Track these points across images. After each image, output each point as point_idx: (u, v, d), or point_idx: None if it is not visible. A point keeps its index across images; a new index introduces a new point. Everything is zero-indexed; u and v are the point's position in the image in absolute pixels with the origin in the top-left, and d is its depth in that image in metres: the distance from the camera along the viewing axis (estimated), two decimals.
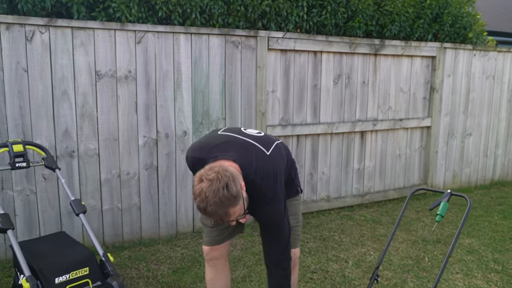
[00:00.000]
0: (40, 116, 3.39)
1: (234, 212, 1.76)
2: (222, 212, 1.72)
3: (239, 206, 1.78)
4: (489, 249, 3.87)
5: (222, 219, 1.76)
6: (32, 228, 3.47)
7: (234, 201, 1.72)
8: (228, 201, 1.70)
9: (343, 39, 4.56)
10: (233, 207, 1.74)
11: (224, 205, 1.70)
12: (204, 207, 1.69)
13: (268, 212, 1.96)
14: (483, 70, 5.70)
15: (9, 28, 3.22)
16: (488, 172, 6.07)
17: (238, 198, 1.74)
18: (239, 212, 1.80)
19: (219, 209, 1.69)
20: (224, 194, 1.68)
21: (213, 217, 1.73)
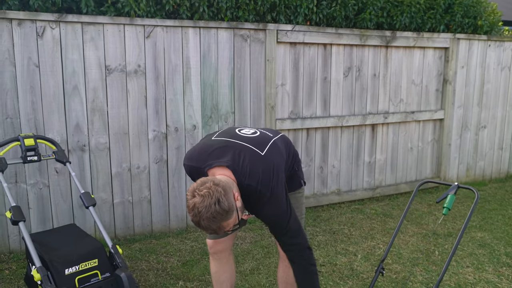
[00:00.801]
0: (51, 111, 3.45)
1: (228, 224, 1.80)
2: (215, 226, 1.76)
3: (233, 219, 1.81)
4: (502, 243, 3.82)
5: (216, 232, 1.79)
6: (45, 220, 3.54)
7: (226, 215, 1.75)
8: (220, 216, 1.73)
9: (353, 31, 4.52)
10: (226, 221, 1.77)
11: (217, 220, 1.73)
12: (198, 221, 1.74)
13: (270, 212, 1.97)
14: (498, 61, 5.59)
15: (20, 24, 3.27)
16: (503, 165, 5.97)
17: (231, 211, 1.78)
18: (233, 223, 1.83)
19: (212, 223, 1.73)
20: (216, 210, 1.71)
21: (207, 230, 1.78)
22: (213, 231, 1.78)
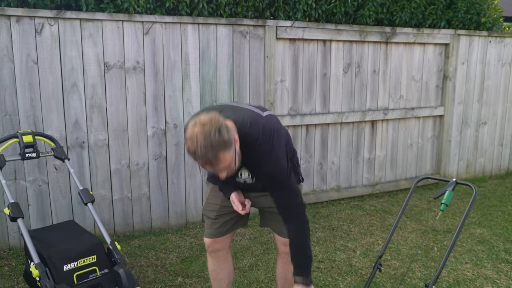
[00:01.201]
0: (50, 108, 3.45)
1: (224, 159, 1.72)
2: (212, 155, 1.68)
3: (230, 154, 1.74)
4: (501, 239, 3.82)
5: (211, 164, 1.72)
6: (44, 217, 3.55)
7: (225, 146, 1.69)
8: (218, 144, 1.67)
9: (352, 28, 4.50)
10: (223, 152, 1.70)
11: (214, 149, 1.67)
12: (194, 149, 1.67)
13: (270, 166, 1.91)
14: (499, 57, 5.57)
15: (19, 20, 3.27)
16: (503, 161, 5.96)
17: (230, 144, 1.71)
18: (230, 161, 1.75)
19: (208, 152, 1.67)
20: (215, 138, 1.66)
21: (202, 160, 1.70)
22: (208, 162, 1.70)
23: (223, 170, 1.79)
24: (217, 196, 2.27)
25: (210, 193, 2.32)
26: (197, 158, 1.71)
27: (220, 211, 2.28)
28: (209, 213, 2.31)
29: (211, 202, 2.31)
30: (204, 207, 2.35)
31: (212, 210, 2.30)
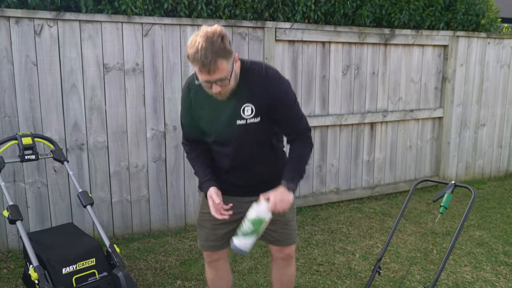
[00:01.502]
0: (49, 109, 3.44)
1: (221, 68, 1.73)
2: (211, 58, 1.69)
3: (228, 66, 1.76)
4: (500, 241, 3.82)
5: (208, 69, 1.72)
6: (43, 219, 3.54)
7: (225, 53, 1.72)
8: (219, 49, 1.70)
9: (352, 29, 4.50)
10: (222, 59, 1.72)
11: (214, 52, 1.69)
12: (195, 51, 1.69)
13: (278, 88, 1.94)
14: (498, 59, 5.58)
15: (18, 22, 3.26)
16: (502, 163, 5.97)
17: (230, 54, 1.75)
18: (226, 73, 1.76)
19: (209, 54, 1.68)
20: (217, 42, 1.69)
21: (200, 62, 1.70)
22: (206, 66, 1.71)
23: (218, 83, 1.78)
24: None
25: (203, 202, 2.19)
26: (195, 61, 1.71)
27: (216, 220, 2.11)
28: (205, 223, 2.20)
29: (205, 212, 2.14)
30: (199, 217, 2.24)
31: (208, 220, 2.16)
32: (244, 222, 1.91)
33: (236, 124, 1.96)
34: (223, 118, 1.97)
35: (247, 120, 1.95)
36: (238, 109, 1.94)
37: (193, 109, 2.03)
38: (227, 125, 1.97)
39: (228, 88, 1.85)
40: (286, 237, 2.24)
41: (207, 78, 1.77)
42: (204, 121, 2.02)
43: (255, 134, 2.00)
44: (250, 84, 1.92)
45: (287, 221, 2.22)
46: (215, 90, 1.82)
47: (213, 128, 2.02)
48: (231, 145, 2.02)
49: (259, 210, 1.90)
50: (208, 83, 1.80)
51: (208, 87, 1.84)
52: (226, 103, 1.94)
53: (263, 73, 1.93)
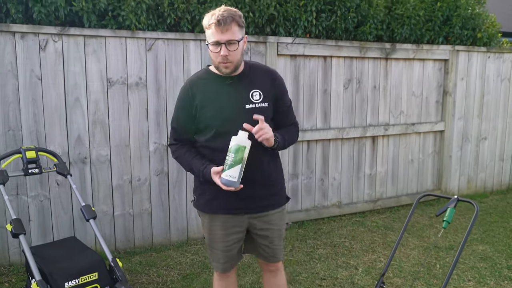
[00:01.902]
0: (53, 123, 3.46)
1: (233, 31, 1.93)
2: (227, 17, 1.91)
3: (239, 34, 1.97)
4: (503, 256, 3.80)
5: (222, 27, 1.91)
6: (46, 233, 3.54)
7: (239, 21, 1.96)
8: (235, 14, 1.95)
9: (353, 44, 4.55)
10: (236, 24, 1.94)
11: (231, 14, 1.93)
12: (213, 13, 1.94)
13: (281, 83, 2.18)
14: (498, 73, 5.61)
15: (23, 37, 3.30)
16: (504, 176, 5.96)
17: (242, 26, 1.99)
18: (236, 37, 1.95)
19: (226, 14, 1.92)
20: (235, 11, 1.97)
21: (217, 18, 1.91)
22: (221, 24, 1.90)
23: (227, 46, 1.94)
24: (219, 225, 2.19)
25: (210, 224, 2.21)
26: (211, 19, 1.93)
27: (227, 241, 2.19)
28: (216, 245, 2.22)
29: (216, 232, 2.20)
30: (209, 240, 2.25)
31: (219, 240, 2.20)
32: (228, 155, 1.95)
33: (245, 108, 2.05)
34: (232, 104, 2.06)
35: (256, 104, 2.07)
36: (247, 94, 2.07)
37: (193, 104, 2.08)
38: (236, 110, 2.05)
39: (234, 57, 1.98)
40: (279, 254, 2.30)
41: (219, 37, 1.93)
42: (209, 112, 2.06)
43: (268, 108, 2.11)
44: (257, 75, 2.12)
45: (281, 238, 2.29)
46: (223, 53, 1.94)
47: (221, 116, 2.06)
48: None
49: (238, 138, 1.95)
50: (218, 45, 1.94)
51: (217, 51, 1.96)
52: (234, 90, 2.06)
53: (266, 67, 2.20)
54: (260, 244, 2.25)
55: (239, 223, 2.18)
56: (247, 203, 2.15)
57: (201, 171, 2.08)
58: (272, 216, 2.22)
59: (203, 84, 2.10)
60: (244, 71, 2.10)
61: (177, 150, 2.20)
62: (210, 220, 2.21)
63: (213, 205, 2.17)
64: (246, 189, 2.07)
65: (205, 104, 2.07)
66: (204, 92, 2.08)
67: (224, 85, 2.07)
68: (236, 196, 2.09)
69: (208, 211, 2.20)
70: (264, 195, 2.18)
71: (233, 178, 1.93)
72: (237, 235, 2.20)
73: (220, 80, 2.08)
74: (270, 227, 2.22)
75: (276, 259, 2.30)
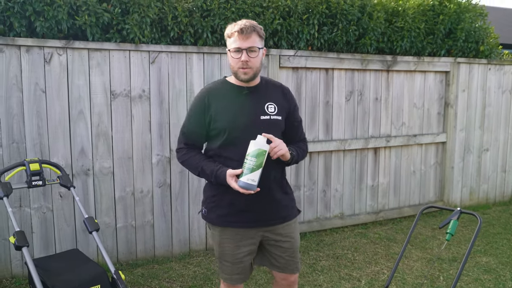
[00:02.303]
0: (57, 136, 3.49)
1: (254, 40, 2.06)
2: (249, 26, 2.04)
3: (259, 43, 2.09)
4: (507, 268, 3.78)
5: (244, 35, 2.03)
6: (48, 245, 3.54)
7: (260, 32, 2.09)
8: (257, 26, 2.09)
9: (354, 56, 4.58)
10: (256, 34, 2.07)
11: (253, 25, 2.07)
12: (237, 23, 2.07)
13: (293, 100, 2.29)
14: (499, 85, 5.64)
15: (28, 50, 3.34)
16: (507, 188, 5.95)
17: (263, 37, 2.12)
18: (256, 44, 2.06)
19: (249, 24, 2.05)
20: (257, 24, 2.10)
21: (240, 26, 2.04)
22: (243, 32, 2.03)
23: (248, 53, 2.05)
24: (230, 238, 2.20)
25: (220, 237, 2.22)
26: (235, 28, 2.05)
27: (238, 253, 2.20)
28: (227, 257, 2.22)
29: (226, 245, 2.21)
30: (219, 252, 2.25)
31: (230, 253, 2.21)
32: (247, 159, 1.96)
33: (260, 119, 2.12)
34: (247, 113, 2.11)
35: (271, 116, 2.14)
36: (262, 106, 2.14)
37: (208, 113, 2.13)
38: (251, 120, 2.11)
39: (254, 64, 2.08)
40: (293, 265, 2.28)
41: (240, 44, 2.04)
42: (224, 120, 2.11)
43: (276, 131, 2.13)
44: (271, 89, 2.22)
45: (295, 249, 2.28)
46: (244, 58, 2.04)
47: (234, 124, 2.10)
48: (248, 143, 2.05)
49: (259, 143, 1.97)
50: (239, 51, 2.05)
51: (237, 58, 2.06)
52: (250, 100, 2.14)
53: (280, 83, 2.30)
54: (273, 254, 2.26)
55: (251, 236, 2.19)
56: (259, 216, 2.17)
57: (214, 172, 2.09)
58: (284, 228, 2.24)
59: (220, 94, 2.15)
60: (260, 84, 2.20)
61: (185, 154, 2.21)
62: (220, 233, 2.22)
63: (226, 218, 2.18)
64: (258, 202, 2.11)
65: (220, 112, 2.11)
66: (220, 101, 2.13)
67: (240, 95, 2.14)
68: (248, 209, 2.13)
69: (220, 224, 2.21)
70: (276, 208, 2.20)
71: (253, 182, 1.97)
72: (249, 247, 2.21)
73: (236, 90, 2.15)
74: (283, 238, 2.24)
75: (290, 270, 2.28)
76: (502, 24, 12.29)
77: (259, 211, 2.16)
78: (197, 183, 3.99)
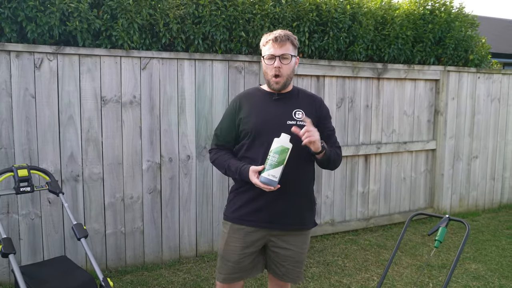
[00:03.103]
0: (46, 141, 3.46)
1: (287, 48, 2.12)
2: (284, 35, 2.12)
3: (293, 52, 2.15)
4: (496, 275, 3.80)
5: (278, 43, 2.10)
6: (36, 252, 3.50)
7: (294, 41, 2.16)
8: (291, 35, 2.16)
9: (345, 64, 4.62)
10: (290, 44, 2.14)
11: (288, 34, 2.14)
12: (272, 32, 2.16)
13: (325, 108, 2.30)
14: (488, 93, 5.71)
15: (18, 56, 3.32)
16: (496, 195, 6.00)
17: (296, 47, 2.18)
18: (290, 53, 2.13)
19: (283, 33, 2.13)
20: (291, 34, 2.17)
21: (275, 35, 2.12)
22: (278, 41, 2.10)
23: (281, 60, 2.11)
24: (238, 238, 2.22)
25: (229, 235, 2.25)
26: (270, 36, 2.14)
27: (242, 254, 2.22)
28: (231, 256, 2.24)
29: (232, 245, 2.24)
30: (224, 250, 2.26)
31: (234, 253, 2.23)
32: (270, 156, 2.01)
33: (286, 124, 2.15)
34: (274, 117, 2.17)
35: (297, 122, 2.16)
36: (290, 112, 2.19)
37: (239, 116, 2.22)
38: (277, 124, 2.15)
39: (285, 71, 2.14)
40: (293, 274, 2.28)
41: (274, 51, 2.12)
42: (251, 121, 2.19)
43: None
44: (303, 97, 2.26)
45: (298, 260, 2.27)
46: (276, 64, 2.12)
47: (260, 126, 2.17)
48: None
49: (281, 140, 2.01)
50: (273, 58, 2.12)
51: (271, 64, 2.13)
52: (278, 106, 2.20)
53: (314, 94, 2.34)
54: (274, 261, 2.27)
55: (258, 238, 2.21)
56: (273, 217, 2.19)
57: (238, 168, 2.16)
58: (293, 237, 2.24)
59: (251, 98, 2.26)
60: (292, 91, 2.25)
61: (215, 154, 2.32)
62: (230, 230, 2.25)
63: (240, 215, 2.22)
64: (277, 205, 2.15)
65: (249, 115, 2.19)
66: (250, 105, 2.23)
67: (270, 100, 2.22)
68: (265, 209, 2.16)
69: (232, 220, 2.25)
70: (292, 212, 2.20)
71: (274, 178, 2.00)
72: (252, 249, 2.22)
73: (267, 96, 2.23)
74: (289, 246, 2.23)
75: (288, 279, 2.28)
76: (493, 34, 12.47)
77: (274, 213, 2.18)
78: (187, 189, 3.98)
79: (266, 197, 2.14)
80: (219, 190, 4.12)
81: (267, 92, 2.24)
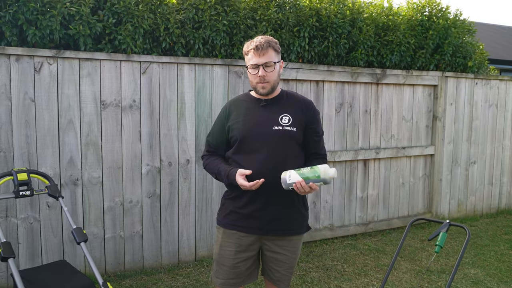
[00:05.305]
0: (45, 145, 3.45)
1: (270, 55, 2.12)
2: (265, 43, 2.11)
3: (275, 58, 2.15)
4: (495, 280, 3.81)
5: (260, 51, 2.10)
6: (34, 256, 3.48)
7: (275, 47, 2.16)
8: (272, 41, 2.16)
9: (344, 69, 4.63)
10: (272, 49, 2.14)
11: (268, 41, 2.14)
12: (253, 40, 2.15)
13: (314, 110, 2.27)
14: (486, 99, 5.73)
15: (18, 59, 3.32)
16: (494, 200, 6.02)
17: (279, 51, 2.19)
18: (272, 60, 2.13)
19: (264, 41, 2.12)
20: (272, 39, 2.17)
21: (256, 43, 2.11)
22: (258, 49, 2.09)
23: (265, 68, 2.12)
24: (231, 242, 2.23)
25: (223, 239, 2.27)
26: (251, 45, 2.13)
27: (237, 258, 2.23)
28: (225, 261, 2.25)
29: (226, 249, 2.25)
30: (218, 254, 2.28)
31: (228, 258, 2.24)
32: (309, 167, 2.04)
33: (273, 129, 2.17)
34: (260, 123, 2.19)
35: (284, 127, 2.18)
36: (276, 117, 2.20)
37: (228, 121, 2.25)
38: (263, 129, 2.18)
39: (271, 78, 2.15)
40: (287, 279, 2.31)
41: (256, 60, 2.12)
42: (239, 127, 2.21)
43: (289, 142, 2.17)
44: (291, 101, 2.25)
45: (291, 266, 2.30)
46: (261, 73, 2.12)
47: (247, 132, 2.19)
48: (263, 152, 2.15)
49: (325, 169, 2.01)
50: (256, 68, 2.13)
51: (255, 73, 2.14)
52: (265, 111, 2.21)
53: (303, 97, 2.31)
54: (269, 266, 2.28)
55: (251, 243, 2.23)
56: (264, 224, 2.20)
57: (227, 172, 2.18)
58: (286, 242, 2.25)
59: (240, 105, 2.28)
60: (279, 96, 2.25)
61: (207, 159, 2.34)
62: (223, 235, 2.26)
63: (231, 220, 2.24)
64: (267, 211, 2.16)
65: (237, 122, 2.22)
66: (239, 110, 2.26)
67: (257, 106, 2.23)
68: (256, 216, 2.18)
69: (224, 226, 2.26)
70: (283, 218, 2.21)
71: (289, 179, 2.02)
72: (247, 253, 2.24)
73: (255, 101, 2.25)
74: (283, 251, 2.25)
75: (283, 284, 2.31)
76: (489, 40, 12.54)
77: (265, 219, 2.19)
78: (186, 194, 3.97)
79: (257, 204, 2.16)
80: (219, 194, 4.11)
81: (254, 98, 2.26)
